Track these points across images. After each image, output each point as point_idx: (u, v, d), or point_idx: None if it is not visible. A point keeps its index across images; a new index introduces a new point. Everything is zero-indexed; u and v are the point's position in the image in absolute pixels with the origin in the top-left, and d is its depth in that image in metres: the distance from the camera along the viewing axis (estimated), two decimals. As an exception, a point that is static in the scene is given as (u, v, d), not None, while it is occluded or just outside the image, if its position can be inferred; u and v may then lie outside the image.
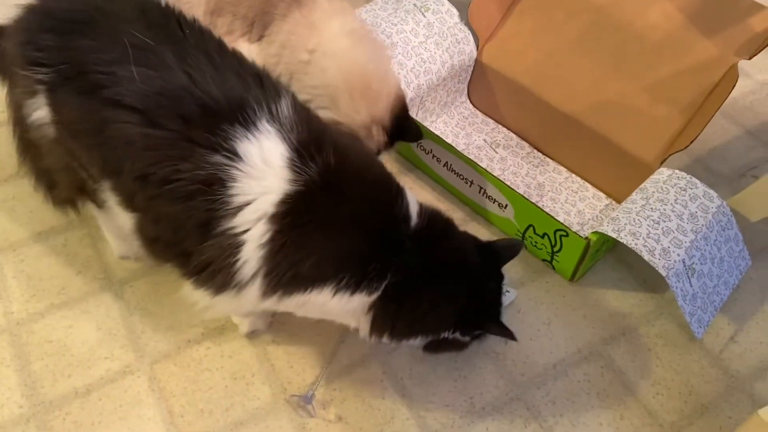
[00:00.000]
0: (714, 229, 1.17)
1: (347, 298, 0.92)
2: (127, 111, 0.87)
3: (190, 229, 0.89)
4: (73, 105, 0.91)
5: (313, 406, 1.06)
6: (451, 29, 1.43)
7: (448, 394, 1.10)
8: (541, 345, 1.17)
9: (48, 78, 0.92)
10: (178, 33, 0.93)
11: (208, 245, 0.89)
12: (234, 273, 0.89)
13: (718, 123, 1.59)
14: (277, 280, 0.90)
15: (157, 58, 0.89)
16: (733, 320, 1.23)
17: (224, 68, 0.91)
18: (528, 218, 1.25)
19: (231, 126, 0.86)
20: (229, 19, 1.19)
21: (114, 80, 0.88)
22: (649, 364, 1.16)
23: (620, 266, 1.30)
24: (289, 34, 1.19)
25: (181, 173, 0.86)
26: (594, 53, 1.40)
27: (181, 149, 0.86)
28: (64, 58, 0.91)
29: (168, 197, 0.88)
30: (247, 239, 0.87)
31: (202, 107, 0.87)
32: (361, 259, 0.91)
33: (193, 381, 1.08)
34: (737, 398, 1.13)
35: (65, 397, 1.06)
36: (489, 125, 1.53)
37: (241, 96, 0.89)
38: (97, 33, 0.92)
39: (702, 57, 1.29)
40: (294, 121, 0.90)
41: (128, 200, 0.94)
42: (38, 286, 1.18)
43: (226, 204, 0.86)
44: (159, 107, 0.87)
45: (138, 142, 0.87)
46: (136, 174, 0.89)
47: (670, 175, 1.21)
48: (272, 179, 0.87)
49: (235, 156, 0.86)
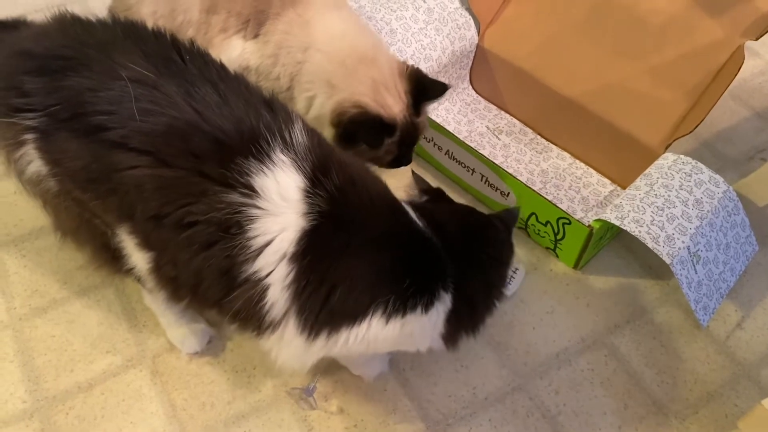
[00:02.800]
0: (720, 214, 1.15)
1: (401, 320, 0.86)
2: (135, 154, 0.82)
3: (213, 279, 0.84)
4: (73, 151, 0.84)
5: (314, 398, 1.06)
6: (451, 14, 1.41)
7: (450, 384, 1.10)
8: (545, 334, 1.16)
9: (37, 123, 0.84)
10: (178, 62, 0.88)
11: (235, 296, 0.84)
12: (263, 318, 0.85)
13: (726, 105, 1.57)
14: (313, 319, 0.85)
15: (161, 93, 0.83)
16: (740, 307, 1.21)
17: (231, 96, 0.86)
18: (530, 206, 1.24)
19: (245, 160, 0.81)
20: (224, 17, 1.16)
21: (117, 121, 0.82)
22: (653, 352, 1.15)
23: (625, 253, 1.28)
24: (285, 34, 1.16)
25: (194, 215, 0.81)
26: (597, 37, 1.37)
27: (193, 187, 0.81)
28: (55, 100, 0.84)
29: (185, 244, 0.83)
30: (272, 282, 0.83)
31: (212, 142, 0.82)
32: (394, 278, 0.86)
33: (195, 374, 1.08)
34: (744, 386, 1.12)
35: (68, 391, 1.06)
36: (491, 111, 1.51)
37: (252, 126, 0.84)
38: (90, 69, 0.85)
39: (707, 39, 1.26)
40: (307, 147, 0.85)
41: (144, 240, 0.88)
42: (40, 281, 1.18)
43: (246, 248, 0.81)
44: (168, 146, 0.82)
45: (148, 184, 0.82)
46: (149, 215, 0.84)
47: (675, 161, 1.19)
48: (289, 214, 0.82)
49: (252, 192, 0.81)
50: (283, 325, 0.86)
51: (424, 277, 0.87)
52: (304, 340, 0.87)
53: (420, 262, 0.88)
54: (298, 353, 0.89)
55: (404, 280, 0.85)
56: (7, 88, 0.87)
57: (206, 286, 0.86)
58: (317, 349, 0.88)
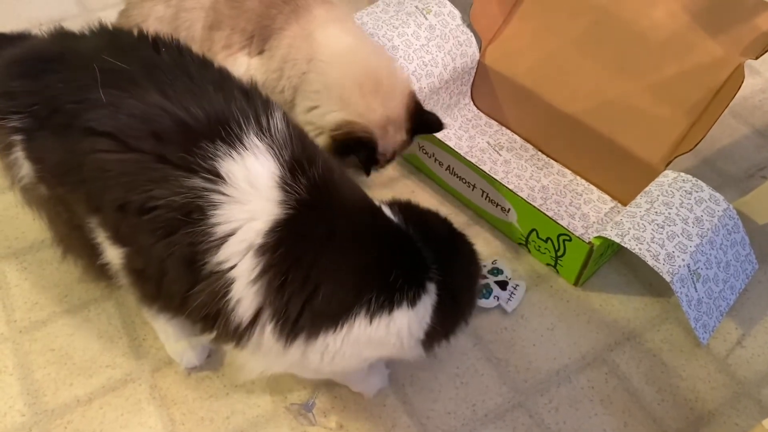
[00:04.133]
0: (720, 233, 1.15)
1: (388, 317, 0.83)
2: (100, 138, 0.80)
3: (177, 270, 0.81)
4: (52, 147, 0.84)
5: (313, 414, 1.06)
6: (453, 31, 1.42)
7: (450, 401, 1.09)
8: (545, 351, 1.16)
9: (22, 124, 0.85)
10: (152, 53, 0.87)
11: (199, 289, 0.80)
12: (229, 316, 0.81)
13: (727, 122, 1.57)
14: (291, 322, 0.81)
15: (128, 79, 0.82)
16: (740, 325, 1.21)
17: (204, 82, 0.84)
18: (531, 222, 1.24)
19: (211, 143, 0.78)
20: (227, 33, 1.17)
21: (85, 107, 0.81)
22: (654, 370, 1.15)
23: (625, 270, 1.28)
24: (289, 48, 1.17)
25: (155, 200, 0.78)
26: (597, 54, 1.38)
27: (154, 172, 0.78)
28: (36, 99, 0.85)
29: (147, 229, 0.80)
30: (236, 275, 0.79)
31: (178, 124, 0.79)
32: (380, 272, 0.83)
33: (193, 389, 1.08)
34: (744, 405, 1.11)
35: (67, 405, 1.06)
36: (492, 127, 1.51)
37: (223, 109, 0.81)
38: (66, 66, 0.86)
39: (707, 57, 1.27)
40: (287, 135, 0.82)
41: (114, 234, 0.86)
42: (41, 294, 1.18)
43: (209, 235, 0.77)
44: (131, 128, 0.80)
45: (113, 170, 0.80)
46: (115, 204, 0.81)
47: (675, 178, 1.19)
48: (259, 202, 0.78)
49: (216, 177, 0.77)
50: (258, 328, 0.82)
51: (410, 269, 0.85)
52: (281, 346, 0.83)
53: (404, 255, 0.86)
54: (269, 361, 0.86)
55: (390, 273, 0.82)
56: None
57: (171, 278, 0.82)
58: (290, 357, 0.84)
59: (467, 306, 0.95)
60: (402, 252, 0.86)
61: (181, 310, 0.86)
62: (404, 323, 0.85)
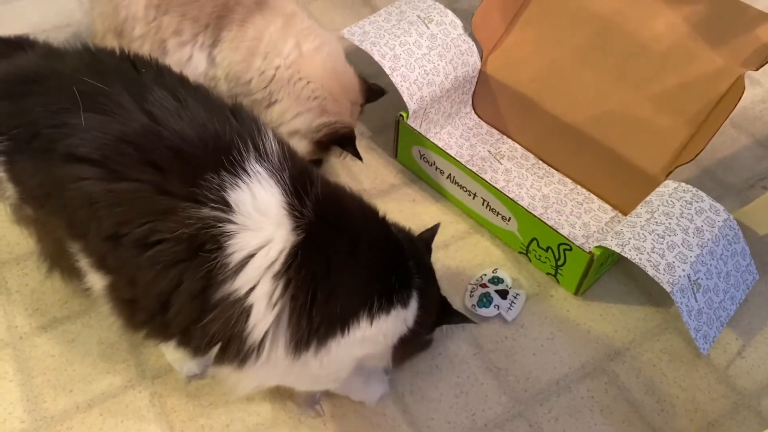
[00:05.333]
0: (720, 243, 1.15)
1: (385, 318, 0.87)
2: (82, 164, 0.77)
3: (183, 302, 0.79)
4: (30, 170, 0.83)
5: (321, 407, 1.06)
6: (454, 40, 1.42)
7: (450, 410, 1.09)
8: (545, 360, 1.16)
9: (3, 147, 0.83)
10: (131, 73, 0.85)
11: (211, 318, 0.79)
12: (245, 339, 0.80)
13: (727, 133, 1.57)
14: (306, 335, 0.82)
15: (111, 101, 0.79)
16: (740, 335, 1.21)
17: (191, 101, 0.82)
18: (532, 231, 1.24)
19: (215, 172, 0.77)
20: (177, 19, 1.19)
21: (65, 132, 0.78)
22: (654, 380, 1.15)
23: (626, 279, 1.28)
24: (257, 41, 1.21)
25: (161, 233, 0.76)
26: (599, 64, 1.38)
27: (157, 204, 0.76)
28: (17, 123, 0.83)
29: (147, 263, 0.77)
30: (254, 300, 0.79)
31: (174, 151, 0.77)
32: (382, 277, 0.87)
33: (193, 396, 1.08)
34: (744, 416, 1.11)
35: (67, 411, 1.06)
36: (493, 136, 1.52)
37: (218, 133, 0.80)
38: (45, 88, 0.84)
39: (708, 68, 1.27)
40: (281, 156, 0.82)
41: (99, 261, 0.83)
42: (41, 300, 1.19)
43: (225, 266, 0.76)
44: (120, 155, 0.77)
45: (102, 201, 0.77)
46: (104, 234, 0.78)
47: (675, 188, 1.19)
48: (271, 228, 0.78)
49: (225, 207, 0.76)
50: (269, 346, 0.82)
51: (403, 273, 0.90)
52: (290, 360, 0.84)
53: (397, 258, 0.90)
54: (267, 375, 0.87)
55: (390, 278, 0.87)
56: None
57: (175, 311, 0.80)
58: (294, 369, 0.85)
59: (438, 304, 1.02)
60: (396, 255, 0.91)
61: (182, 339, 0.84)
62: (396, 322, 0.90)
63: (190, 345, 0.84)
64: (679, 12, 1.32)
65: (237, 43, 1.21)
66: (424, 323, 0.97)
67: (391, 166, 1.46)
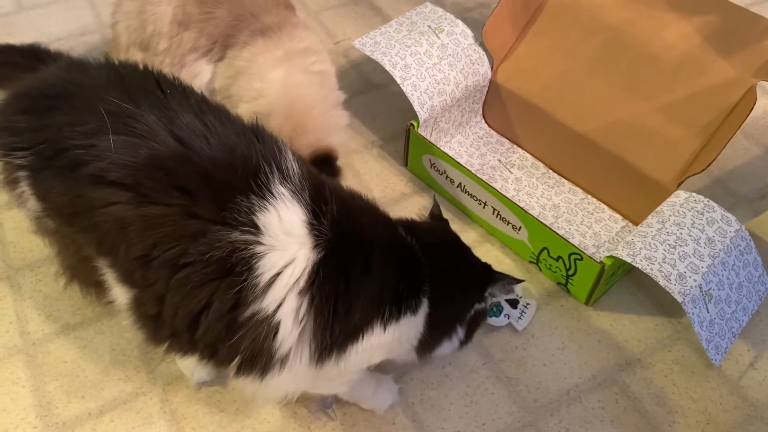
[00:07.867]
0: (732, 253, 1.15)
1: (396, 325, 0.88)
2: (113, 188, 0.79)
3: (212, 321, 0.81)
4: (56, 188, 0.83)
5: (333, 410, 1.06)
6: (465, 50, 1.43)
7: (460, 420, 1.09)
8: (555, 370, 1.16)
9: (27, 162, 0.84)
10: (157, 92, 0.86)
11: (241, 336, 0.81)
12: (273, 353, 0.83)
13: (739, 143, 1.57)
14: (328, 345, 0.84)
15: (140, 124, 0.80)
16: (752, 346, 1.20)
17: (216, 124, 0.84)
18: (542, 241, 1.24)
19: (244, 195, 0.78)
20: (195, 35, 1.24)
21: (94, 154, 0.79)
22: (665, 391, 1.14)
23: (637, 290, 1.28)
24: (249, 62, 1.25)
25: (191, 255, 0.77)
26: (609, 74, 1.38)
27: (186, 227, 0.78)
28: (41, 138, 0.83)
29: (178, 285, 0.79)
30: (282, 316, 0.81)
31: (203, 175, 0.79)
32: (395, 285, 0.88)
33: (204, 403, 1.09)
34: (757, 428, 1.10)
35: (78, 418, 1.06)
36: (504, 145, 1.52)
37: (245, 156, 0.82)
38: (72, 105, 0.84)
39: (719, 78, 1.27)
40: (301, 176, 0.84)
41: (126, 276, 0.85)
42: (54, 306, 1.19)
43: (254, 286, 0.79)
44: (151, 180, 0.78)
45: (133, 224, 0.78)
46: (134, 255, 0.80)
47: (687, 198, 1.19)
48: (296, 248, 0.81)
49: (255, 230, 0.78)
50: (294, 358, 0.85)
51: (413, 281, 0.91)
52: (313, 369, 0.87)
53: (408, 267, 0.91)
54: (286, 384, 0.89)
55: (400, 286, 0.88)
56: (3, 128, 0.88)
57: (203, 330, 0.82)
58: (316, 376, 0.88)
59: (455, 313, 1.00)
60: (407, 264, 0.92)
61: (207, 354, 0.86)
62: (409, 328, 0.91)
63: (214, 359, 0.86)
64: (690, 22, 1.32)
65: (232, 60, 1.26)
66: (451, 313, 0.98)
67: (402, 175, 1.47)
